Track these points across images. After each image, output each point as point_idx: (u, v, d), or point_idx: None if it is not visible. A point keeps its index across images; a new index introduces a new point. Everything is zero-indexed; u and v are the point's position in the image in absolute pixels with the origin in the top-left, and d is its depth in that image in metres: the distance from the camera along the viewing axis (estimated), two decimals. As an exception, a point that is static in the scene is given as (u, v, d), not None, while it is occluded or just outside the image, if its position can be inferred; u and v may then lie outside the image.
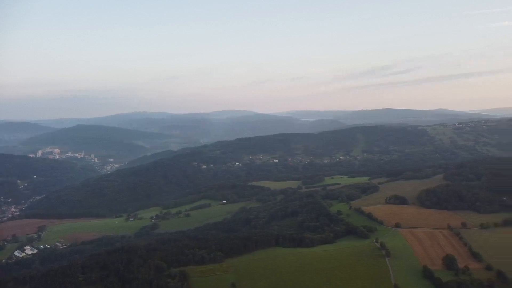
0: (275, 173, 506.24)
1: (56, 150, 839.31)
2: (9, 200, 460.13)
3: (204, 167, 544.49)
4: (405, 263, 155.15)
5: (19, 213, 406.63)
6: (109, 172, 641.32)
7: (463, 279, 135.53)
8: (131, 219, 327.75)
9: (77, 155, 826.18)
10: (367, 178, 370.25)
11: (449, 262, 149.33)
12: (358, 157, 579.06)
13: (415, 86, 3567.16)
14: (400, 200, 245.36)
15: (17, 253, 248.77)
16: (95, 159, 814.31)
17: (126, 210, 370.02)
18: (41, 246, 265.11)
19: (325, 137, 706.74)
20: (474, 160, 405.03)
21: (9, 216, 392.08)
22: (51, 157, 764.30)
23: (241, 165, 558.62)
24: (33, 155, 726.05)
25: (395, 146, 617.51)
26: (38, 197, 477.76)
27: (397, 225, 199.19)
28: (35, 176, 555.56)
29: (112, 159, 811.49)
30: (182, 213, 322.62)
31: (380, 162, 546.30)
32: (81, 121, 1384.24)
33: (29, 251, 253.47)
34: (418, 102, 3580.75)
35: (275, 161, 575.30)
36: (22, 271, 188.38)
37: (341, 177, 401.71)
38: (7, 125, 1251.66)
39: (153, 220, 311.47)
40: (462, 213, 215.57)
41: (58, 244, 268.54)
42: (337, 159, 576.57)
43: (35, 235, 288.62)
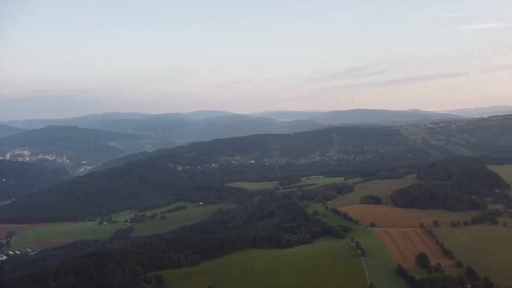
0: (251, 174, 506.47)
1: (25, 152, 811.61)
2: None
3: (180, 168, 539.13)
4: (380, 262, 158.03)
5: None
6: (82, 174, 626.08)
7: (436, 276, 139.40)
8: (105, 223, 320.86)
9: (48, 157, 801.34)
10: (343, 178, 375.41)
11: (422, 260, 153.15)
12: (333, 158, 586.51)
13: (389, 87, 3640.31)
14: (374, 200, 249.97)
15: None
16: (67, 161, 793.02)
17: (100, 213, 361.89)
18: (10, 252, 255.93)
19: (301, 137, 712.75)
20: (445, 159, 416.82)
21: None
22: (20, 159, 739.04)
23: (217, 166, 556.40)
24: (1, 158, 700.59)
25: (369, 146, 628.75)
26: (7, 201, 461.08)
27: (372, 225, 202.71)
28: (3, 179, 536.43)
29: (85, 161, 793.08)
30: (158, 215, 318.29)
31: (355, 162, 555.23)
32: (52, 121, 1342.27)
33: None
34: (391, 102, 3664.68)
35: (251, 162, 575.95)
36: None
37: (317, 178, 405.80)
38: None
39: (128, 223, 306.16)
40: (434, 212, 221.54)
41: (28, 250, 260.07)
42: (313, 160, 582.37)
43: (4, 241, 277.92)
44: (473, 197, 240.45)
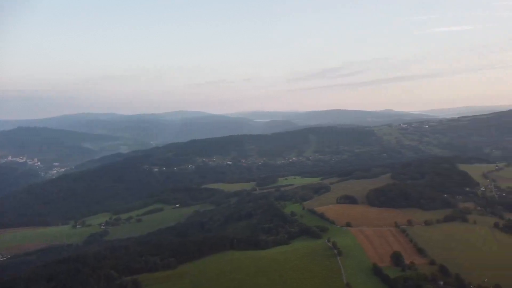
0: (229, 175, 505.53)
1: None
2: None
3: (156, 170, 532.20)
4: (356, 261, 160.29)
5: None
6: (54, 177, 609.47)
7: (410, 274, 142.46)
8: (78, 226, 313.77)
9: (18, 159, 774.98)
10: (319, 178, 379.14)
11: (397, 258, 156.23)
12: (310, 158, 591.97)
13: (363, 87, 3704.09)
14: (350, 200, 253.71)
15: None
16: (39, 163, 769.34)
17: (73, 217, 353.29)
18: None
19: (278, 138, 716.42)
20: (418, 159, 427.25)
21: None
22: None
23: (194, 167, 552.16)
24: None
25: (345, 146, 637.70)
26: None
27: (348, 225, 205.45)
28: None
29: (57, 163, 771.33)
30: (133, 218, 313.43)
31: (331, 162, 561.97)
32: (23, 122, 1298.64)
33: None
34: (366, 103, 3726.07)
35: (228, 163, 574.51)
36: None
37: (294, 178, 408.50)
38: None
39: (103, 226, 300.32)
40: (408, 211, 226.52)
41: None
42: (290, 160, 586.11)
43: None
44: (445, 196, 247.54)
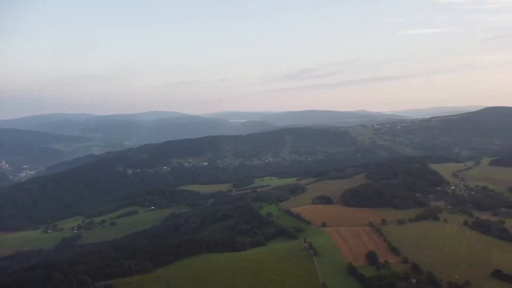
0: (205, 176, 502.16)
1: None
2: None
3: (130, 172, 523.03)
4: (332, 261, 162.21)
5: None
6: (24, 180, 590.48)
7: (384, 273, 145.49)
8: (49, 231, 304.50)
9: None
10: (295, 178, 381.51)
11: (371, 257, 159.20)
12: (286, 158, 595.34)
13: (338, 88, 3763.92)
14: (325, 200, 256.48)
15: None
16: (7, 166, 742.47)
17: (44, 221, 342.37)
18: None
19: (254, 138, 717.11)
20: (391, 159, 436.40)
21: None
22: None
23: (169, 169, 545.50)
24: None
25: (320, 147, 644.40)
26: None
27: (324, 225, 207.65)
28: None
29: (26, 166, 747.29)
30: (106, 221, 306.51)
31: (307, 162, 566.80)
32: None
33: None
34: (340, 103, 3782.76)
35: (204, 164, 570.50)
36: None
37: (271, 179, 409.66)
38: None
39: (75, 230, 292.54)
40: (382, 210, 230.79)
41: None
42: (266, 161, 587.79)
43: None
44: (417, 195, 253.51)
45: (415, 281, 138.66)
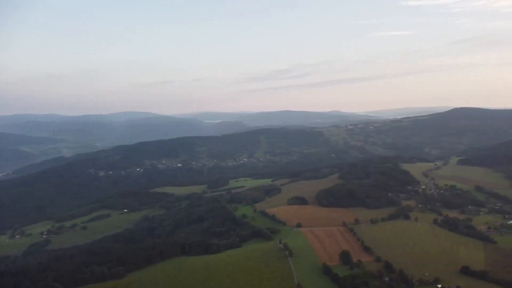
0: (179, 177, 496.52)
1: None
2: None
3: (102, 174, 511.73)
4: (307, 261, 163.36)
5: None
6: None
7: (357, 272, 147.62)
8: (17, 236, 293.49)
9: None
10: (270, 179, 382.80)
11: (345, 257, 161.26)
12: (261, 159, 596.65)
13: (312, 89, 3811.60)
14: (300, 200, 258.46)
15: None
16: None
17: (11, 226, 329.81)
18: None
19: (229, 139, 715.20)
20: (364, 159, 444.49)
21: None
22: None
23: (142, 170, 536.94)
24: None
25: (295, 147, 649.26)
26: None
27: (299, 225, 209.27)
28: None
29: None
30: (78, 225, 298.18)
31: (282, 163, 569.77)
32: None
33: None
34: (314, 104, 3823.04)
35: (179, 165, 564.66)
36: None
37: (246, 180, 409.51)
38: None
39: (45, 235, 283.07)
40: (355, 210, 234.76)
41: None
42: (241, 162, 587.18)
43: None
44: (389, 194, 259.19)
45: (387, 279, 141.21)
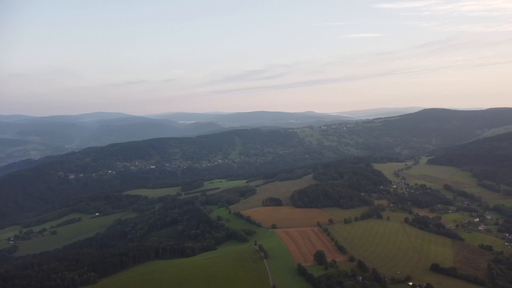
0: (152, 180, 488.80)
1: None
2: None
3: (72, 177, 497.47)
4: (282, 262, 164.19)
5: None
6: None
7: (332, 272, 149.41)
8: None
9: None
10: (245, 181, 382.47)
11: (319, 257, 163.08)
12: (236, 160, 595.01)
13: (285, 89, 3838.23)
14: (275, 201, 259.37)
15: None
16: None
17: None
18: None
19: (203, 140, 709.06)
20: (337, 159, 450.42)
21: None
22: None
23: (114, 173, 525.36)
24: None
25: (269, 148, 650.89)
26: None
27: (274, 226, 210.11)
28: None
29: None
30: (47, 230, 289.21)
31: (256, 164, 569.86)
32: None
33: None
34: (288, 104, 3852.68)
35: (152, 167, 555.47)
36: None
37: (220, 181, 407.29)
38: None
39: (11, 241, 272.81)
40: (329, 210, 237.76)
41: None
42: (216, 163, 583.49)
43: None
44: (362, 194, 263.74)
45: (361, 278, 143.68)
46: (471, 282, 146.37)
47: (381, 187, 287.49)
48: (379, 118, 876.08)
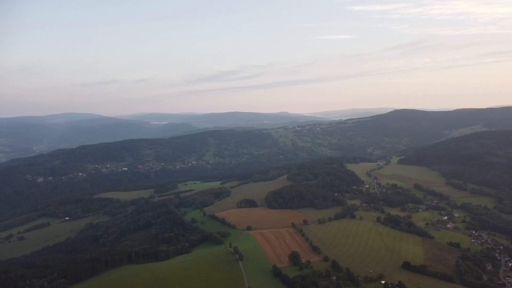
0: (124, 182, 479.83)
1: None
2: None
3: (40, 180, 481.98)
4: (257, 264, 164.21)
5: None
6: None
7: (306, 272, 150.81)
8: None
9: None
10: (220, 182, 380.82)
11: (294, 258, 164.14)
12: (210, 161, 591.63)
13: (260, 90, 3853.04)
14: (250, 203, 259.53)
15: None
16: None
17: None
18: None
19: (176, 141, 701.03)
20: (311, 160, 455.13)
21: None
22: None
23: (85, 175, 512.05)
24: None
25: (244, 149, 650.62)
26: None
27: (248, 228, 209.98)
28: None
29: None
30: (14, 236, 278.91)
31: (231, 165, 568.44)
32: None
33: None
34: (263, 105, 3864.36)
35: (124, 169, 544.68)
36: None
37: (195, 183, 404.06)
38: None
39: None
40: (304, 211, 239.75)
41: None
42: (190, 164, 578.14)
43: None
44: (336, 194, 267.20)
45: (335, 278, 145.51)
46: (441, 278, 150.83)
47: (354, 187, 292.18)
48: (352, 118, 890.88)
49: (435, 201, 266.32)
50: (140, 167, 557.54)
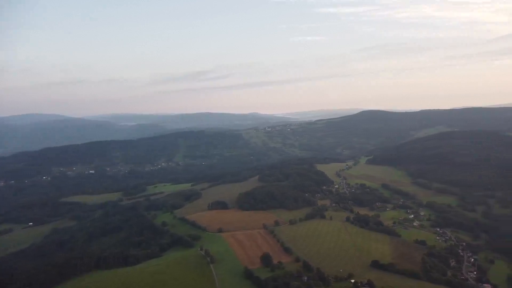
0: (92, 185, 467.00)
1: None
2: None
3: (2, 184, 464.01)
4: (228, 266, 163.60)
5: None
6: None
7: (278, 273, 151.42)
8: None
9: None
10: (190, 184, 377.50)
11: (266, 260, 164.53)
12: (180, 163, 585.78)
13: (231, 91, 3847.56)
14: (221, 205, 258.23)
15: None
16: None
17: None
18: None
19: (146, 143, 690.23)
20: (282, 161, 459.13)
21: None
22: None
23: (50, 178, 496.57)
24: None
25: (215, 150, 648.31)
26: None
27: (220, 230, 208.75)
28: None
29: None
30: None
31: (202, 166, 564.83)
32: None
33: None
34: (234, 106, 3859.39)
35: (91, 172, 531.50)
36: None
37: (165, 185, 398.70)
38: None
39: None
40: (275, 212, 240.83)
41: None
42: (160, 166, 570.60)
43: None
44: (306, 195, 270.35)
45: (306, 278, 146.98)
46: (408, 276, 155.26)
47: (324, 187, 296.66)
48: (322, 119, 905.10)
49: (402, 200, 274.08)
50: (108, 169, 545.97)
